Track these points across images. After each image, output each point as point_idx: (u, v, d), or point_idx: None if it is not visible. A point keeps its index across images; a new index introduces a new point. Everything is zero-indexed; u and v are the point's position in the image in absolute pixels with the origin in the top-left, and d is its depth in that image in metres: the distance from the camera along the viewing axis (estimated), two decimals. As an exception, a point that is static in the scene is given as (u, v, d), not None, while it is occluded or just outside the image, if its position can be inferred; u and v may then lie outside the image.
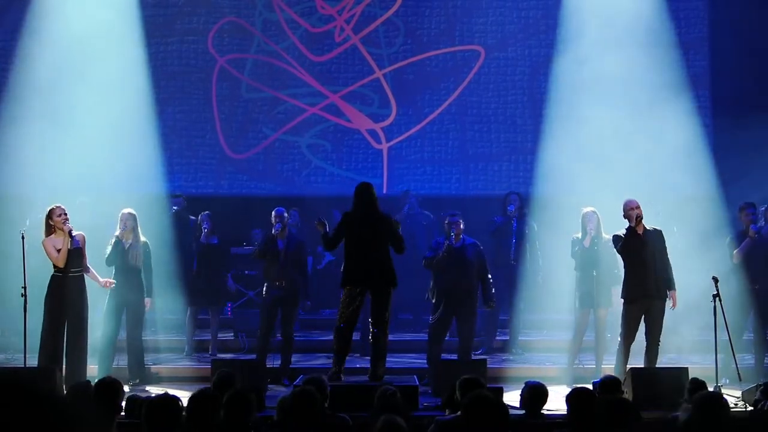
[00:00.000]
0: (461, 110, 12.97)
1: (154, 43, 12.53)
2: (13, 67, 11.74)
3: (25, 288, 8.22)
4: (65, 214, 8.34)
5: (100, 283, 8.67)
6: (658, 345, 8.27)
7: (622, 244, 8.27)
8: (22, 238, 8.31)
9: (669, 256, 8.44)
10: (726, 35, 12.29)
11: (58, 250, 8.25)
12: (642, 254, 8.25)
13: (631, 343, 8.32)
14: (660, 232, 8.38)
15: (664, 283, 8.33)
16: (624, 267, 8.45)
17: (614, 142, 10.99)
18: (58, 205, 8.47)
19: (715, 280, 8.11)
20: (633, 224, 8.24)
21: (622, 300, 8.43)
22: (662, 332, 8.37)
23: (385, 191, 12.63)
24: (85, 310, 8.49)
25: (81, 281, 8.49)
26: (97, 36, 11.51)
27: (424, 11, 13.03)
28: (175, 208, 10.94)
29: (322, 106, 12.97)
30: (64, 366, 8.29)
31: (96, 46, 11.50)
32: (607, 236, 8.89)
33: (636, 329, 8.32)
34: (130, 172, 11.35)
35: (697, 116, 11.87)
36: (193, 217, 11.00)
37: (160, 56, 12.67)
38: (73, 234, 8.40)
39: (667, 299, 8.38)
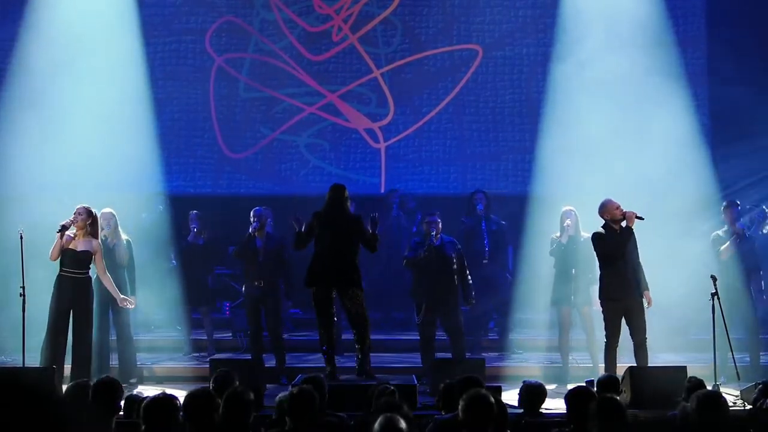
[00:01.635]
0: (459, 109, 12.97)
1: (152, 42, 12.52)
2: (10, 66, 11.71)
3: (23, 288, 8.21)
4: (77, 214, 8.38)
5: (117, 299, 8.67)
6: (646, 343, 8.26)
7: (614, 242, 8.20)
8: (21, 237, 8.30)
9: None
10: (724, 33, 12.27)
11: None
12: (624, 253, 8.22)
13: (617, 342, 8.29)
14: (632, 230, 8.29)
15: (640, 282, 8.32)
16: (604, 266, 8.32)
17: (612, 140, 11.00)
18: (83, 204, 8.52)
19: (714, 278, 8.12)
20: (630, 223, 8.18)
21: (601, 299, 8.36)
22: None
23: (383, 191, 12.64)
24: (89, 311, 8.47)
25: (83, 283, 8.44)
26: (95, 35, 11.51)
27: (421, 10, 13.02)
28: (160, 207, 10.98)
29: (319, 106, 12.96)
30: (69, 365, 8.30)
31: (94, 45, 11.50)
32: (586, 234, 8.88)
33: (620, 327, 8.28)
34: (127, 172, 11.33)
35: (695, 114, 11.87)
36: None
37: (158, 55, 12.66)
38: (91, 240, 8.42)
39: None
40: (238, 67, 12.94)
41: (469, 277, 9.10)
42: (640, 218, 8.19)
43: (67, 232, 8.34)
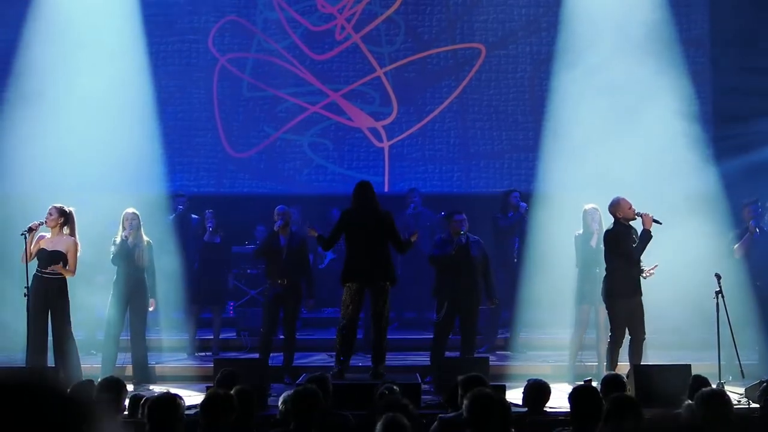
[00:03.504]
0: (462, 108, 12.97)
1: (155, 42, 12.51)
2: (12, 66, 11.72)
3: (27, 288, 8.22)
4: (48, 214, 8.38)
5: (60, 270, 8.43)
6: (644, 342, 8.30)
7: (629, 242, 8.22)
8: (24, 237, 8.32)
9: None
10: (727, 29, 12.25)
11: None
12: (634, 251, 8.26)
13: (623, 341, 8.31)
14: (651, 234, 8.30)
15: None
16: (615, 264, 8.31)
17: (615, 138, 10.97)
18: (56, 204, 8.51)
19: (718, 277, 8.10)
20: (647, 226, 8.15)
21: (610, 297, 8.32)
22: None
23: (386, 189, 12.64)
24: (66, 311, 8.45)
25: (58, 282, 8.41)
26: (98, 35, 11.51)
27: (424, 9, 13.03)
28: (180, 207, 10.95)
29: (323, 105, 12.96)
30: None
31: (97, 45, 11.49)
32: None
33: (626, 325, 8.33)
34: (130, 172, 11.33)
35: (699, 112, 11.84)
36: (195, 216, 10.99)
37: (161, 55, 12.66)
38: (63, 237, 8.42)
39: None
40: (242, 66, 12.95)
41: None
42: (658, 222, 8.19)
43: (39, 233, 8.36)
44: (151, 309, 9.13)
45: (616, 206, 8.34)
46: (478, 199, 11.87)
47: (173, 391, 4.91)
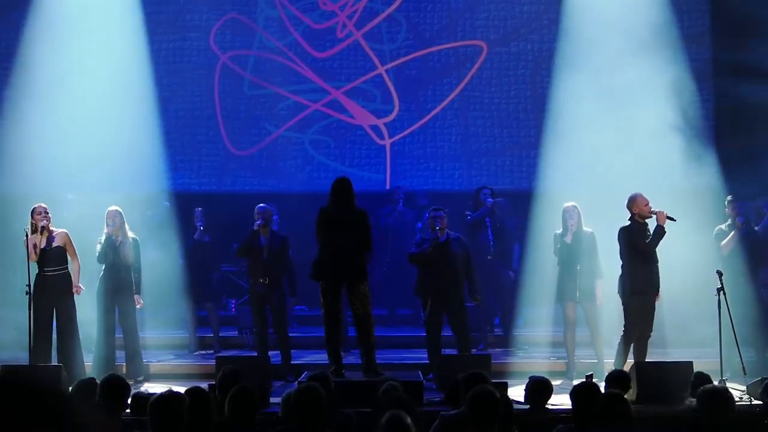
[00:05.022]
0: (464, 106, 12.96)
1: (157, 40, 12.51)
2: (13, 65, 11.72)
3: (29, 286, 8.23)
4: (44, 213, 8.43)
5: (74, 286, 8.68)
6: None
7: (644, 238, 8.29)
8: (26, 236, 8.33)
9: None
10: (729, 25, 12.23)
11: (35, 247, 8.36)
12: (647, 245, 8.33)
13: (635, 336, 8.34)
14: (665, 230, 8.38)
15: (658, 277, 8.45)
16: (631, 260, 8.38)
17: (616, 137, 10.96)
18: (39, 203, 8.55)
19: (720, 274, 8.11)
20: (661, 223, 8.23)
21: (626, 293, 8.37)
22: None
23: (388, 187, 12.65)
24: (70, 308, 8.52)
25: (62, 280, 8.51)
26: (99, 33, 11.50)
27: (426, 7, 13.02)
28: (166, 204, 10.98)
29: (324, 103, 12.96)
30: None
31: (98, 42, 11.48)
32: (589, 230, 8.95)
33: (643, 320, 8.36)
34: (131, 170, 11.34)
35: (700, 110, 11.83)
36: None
37: (163, 53, 12.66)
38: (54, 233, 8.47)
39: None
40: (243, 64, 12.95)
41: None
42: (672, 219, 8.25)
43: (31, 236, 8.44)
44: (138, 306, 9.13)
45: (632, 202, 8.41)
46: (480, 196, 11.85)
47: (175, 389, 4.91)
